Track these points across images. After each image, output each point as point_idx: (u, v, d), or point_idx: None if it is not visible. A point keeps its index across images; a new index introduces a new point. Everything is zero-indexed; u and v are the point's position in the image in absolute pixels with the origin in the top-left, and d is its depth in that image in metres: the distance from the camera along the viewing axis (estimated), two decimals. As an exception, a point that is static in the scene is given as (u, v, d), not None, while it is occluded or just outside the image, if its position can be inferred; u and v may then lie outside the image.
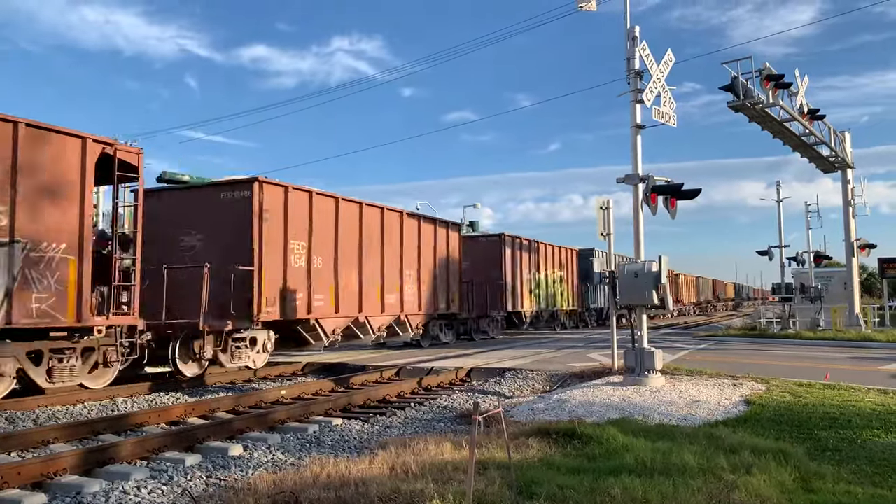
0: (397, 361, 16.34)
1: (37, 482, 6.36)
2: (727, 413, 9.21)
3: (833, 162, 26.38)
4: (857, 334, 23.89)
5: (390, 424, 9.59)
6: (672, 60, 12.70)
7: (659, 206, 12.07)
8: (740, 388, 11.07)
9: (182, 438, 8.04)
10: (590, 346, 22.07)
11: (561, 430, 7.59)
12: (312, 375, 15.67)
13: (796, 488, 5.59)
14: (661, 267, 11.34)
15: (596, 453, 6.64)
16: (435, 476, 5.58)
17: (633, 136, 12.37)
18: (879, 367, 14.73)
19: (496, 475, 5.55)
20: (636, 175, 12.15)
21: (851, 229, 27.27)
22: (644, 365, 11.48)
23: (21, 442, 7.92)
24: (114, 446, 7.38)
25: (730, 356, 17.61)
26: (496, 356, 18.04)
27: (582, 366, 14.75)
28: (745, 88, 18.75)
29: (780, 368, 14.16)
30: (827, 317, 27.87)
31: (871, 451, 6.99)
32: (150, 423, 9.45)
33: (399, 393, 12.38)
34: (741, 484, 5.33)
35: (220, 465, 7.21)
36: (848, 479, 5.96)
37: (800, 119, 21.82)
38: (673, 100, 12.57)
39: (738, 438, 7.15)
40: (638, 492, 5.02)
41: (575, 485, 5.27)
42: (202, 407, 10.45)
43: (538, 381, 13.50)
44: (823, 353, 18.61)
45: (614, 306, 12.54)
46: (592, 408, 9.50)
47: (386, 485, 5.29)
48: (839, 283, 31.40)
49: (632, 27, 12.41)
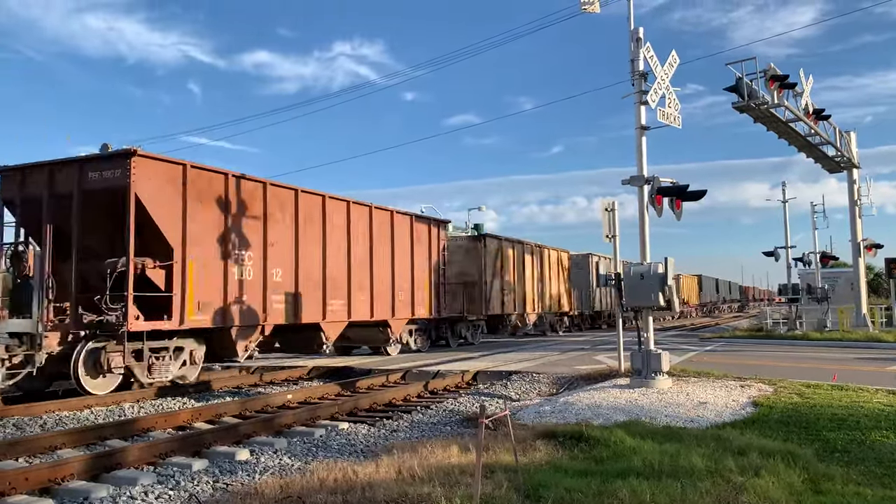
0: (403, 365, 16.33)
1: (44, 487, 6.37)
2: (735, 415, 9.17)
3: (839, 162, 26.32)
4: (864, 335, 23.80)
5: (397, 428, 9.58)
6: (676, 62, 12.68)
7: (664, 208, 12.04)
8: (748, 390, 11.02)
9: (189, 443, 8.05)
10: (595, 348, 22.03)
11: (568, 432, 7.58)
12: (318, 379, 15.68)
13: (805, 490, 5.56)
14: (667, 268, 11.32)
15: (603, 456, 6.62)
16: (442, 480, 5.57)
17: (638, 137, 12.35)
18: (887, 368, 14.65)
19: (503, 478, 5.54)
20: (641, 177, 12.13)
21: (858, 229, 27.19)
22: (651, 367, 11.45)
23: (29, 447, 7.94)
24: (121, 451, 7.38)
25: (736, 358, 17.55)
26: (501, 359, 18.01)
27: (588, 368, 14.71)
28: (749, 89, 18.73)
29: (787, 370, 14.10)
30: (834, 317, 27.77)
31: (880, 452, 6.96)
32: (156, 427, 9.46)
33: (405, 396, 12.37)
34: (750, 486, 5.31)
35: (227, 469, 7.21)
36: (857, 480, 5.93)
37: (805, 119, 21.77)
38: (678, 101, 12.56)
39: (746, 440, 7.13)
40: (646, 494, 5.00)
41: (582, 487, 5.25)
42: (209, 412, 10.46)
43: (544, 383, 13.47)
44: (831, 354, 18.53)
45: (620, 308, 12.52)
46: (599, 410, 9.47)
47: (393, 489, 5.28)
48: (846, 283, 31.34)
49: (636, 28, 12.40)
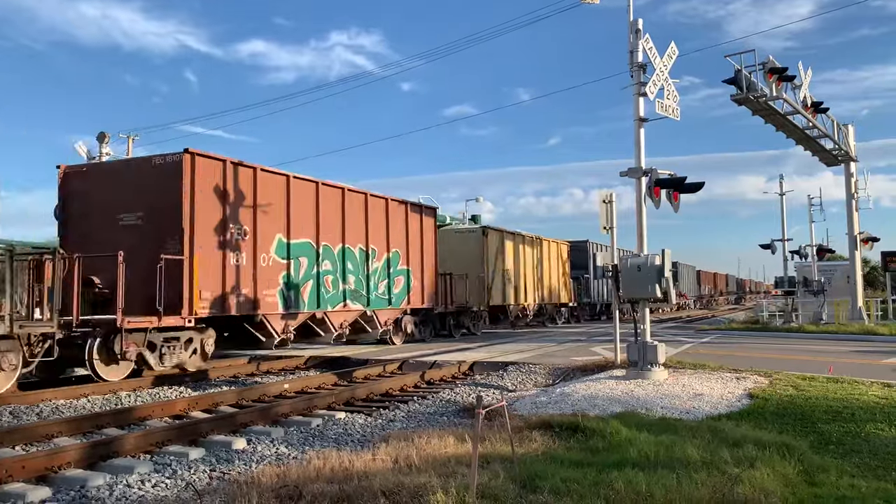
0: (399, 356, 16.35)
1: (41, 475, 6.37)
2: (730, 407, 9.20)
3: (836, 155, 26.32)
4: (860, 328, 23.88)
5: (393, 418, 9.60)
6: (675, 53, 12.64)
7: (662, 200, 12.04)
8: (743, 382, 11.06)
9: (186, 432, 8.05)
10: (592, 339, 22.07)
11: (564, 423, 7.60)
12: (315, 369, 15.69)
13: (800, 482, 5.58)
14: (664, 260, 11.32)
15: (599, 447, 6.64)
16: (438, 470, 5.58)
17: (637, 129, 12.33)
18: (883, 361, 14.70)
19: (500, 469, 5.55)
20: (639, 168, 12.12)
21: (855, 223, 27.23)
22: (647, 358, 11.48)
23: (26, 436, 7.94)
24: (117, 440, 7.39)
25: (732, 350, 17.59)
26: (498, 350, 18.04)
27: (584, 359, 14.74)
28: (748, 82, 18.71)
29: (783, 362, 14.14)
30: (830, 310, 27.86)
31: (875, 444, 6.99)
32: (153, 416, 9.47)
33: (402, 387, 12.39)
34: (745, 477, 5.33)
35: (224, 458, 7.22)
36: (852, 472, 5.95)
37: (803, 112, 21.76)
38: (676, 93, 12.53)
39: (741, 432, 7.15)
40: (641, 485, 5.02)
41: (579, 478, 5.27)
42: (206, 401, 10.46)
43: (541, 374, 13.50)
44: (826, 347, 18.59)
45: (617, 299, 12.53)
46: (595, 401, 9.50)
47: (389, 478, 5.28)
48: (842, 276, 31.37)
49: (635, 19, 12.34)
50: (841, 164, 27.24)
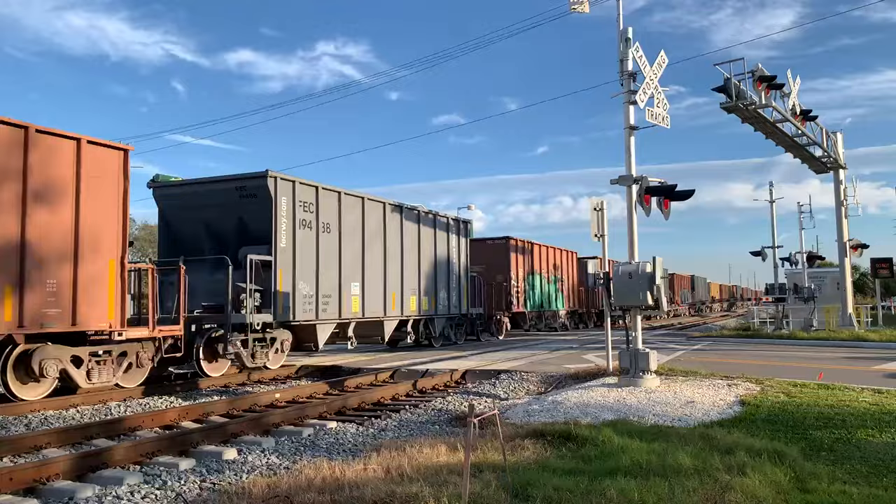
0: (391, 364, 16.30)
1: (29, 487, 6.30)
2: (722, 414, 9.21)
3: (825, 163, 26.50)
4: (850, 334, 23.97)
5: (385, 427, 9.56)
6: (665, 62, 12.74)
7: (652, 208, 12.09)
8: (735, 389, 11.09)
9: (176, 442, 7.99)
10: (585, 347, 22.08)
11: (556, 431, 7.58)
12: (307, 378, 15.62)
13: (791, 488, 5.59)
14: (654, 268, 11.35)
15: (591, 455, 6.63)
16: (430, 479, 5.56)
17: (627, 137, 12.39)
18: (873, 367, 14.78)
19: (491, 478, 5.53)
20: (630, 176, 12.16)
21: (844, 229, 27.40)
22: (639, 366, 11.49)
23: (13, 447, 7.85)
24: (107, 451, 7.32)
25: (724, 356, 17.65)
26: (490, 358, 18.03)
27: (577, 367, 14.74)
28: (737, 90, 18.84)
29: (774, 369, 14.19)
30: (820, 317, 27.95)
31: (866, 450, 7.01)
32: (143, 427, 9.40)
33: (394, 395, 12.35)
34: (736, 484, 5.33)
35: (215, 469, 7.17)
36: (843, 478, 5.96)
37: (792, 120, 21.92)
38: (666, 101, 12.62)
39: (732, 439, 7.16)
40: (634, 493, 5.02)
41: (571, 487, 5.26)
42: (196, 411, 10.39)
43: (533, 382, 13.49)
44: (817, 354, 18.67)
45: (609, 307, 12.55)
46: (587, 409, 9.49)
47: (381, 488, 5.26)
48: (832, 283, 31.56)
49: (625, 28, 12.43)
50: (830, 172, 27.43)
